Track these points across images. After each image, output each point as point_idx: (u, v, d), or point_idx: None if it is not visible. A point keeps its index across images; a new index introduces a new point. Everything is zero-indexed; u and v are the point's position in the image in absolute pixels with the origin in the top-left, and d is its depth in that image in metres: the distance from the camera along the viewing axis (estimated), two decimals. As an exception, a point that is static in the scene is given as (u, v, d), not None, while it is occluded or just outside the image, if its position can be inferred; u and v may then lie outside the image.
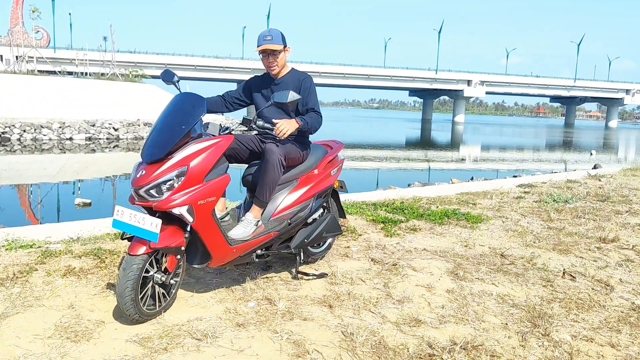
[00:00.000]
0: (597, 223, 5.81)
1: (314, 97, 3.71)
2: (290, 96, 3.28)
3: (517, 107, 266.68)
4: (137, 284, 2.86)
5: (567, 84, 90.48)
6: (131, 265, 2.85)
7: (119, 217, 2.93)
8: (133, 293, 2.85)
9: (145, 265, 2.90)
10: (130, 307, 2.87)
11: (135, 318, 2.94)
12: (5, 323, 2.95)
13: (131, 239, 2.99)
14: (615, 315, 3.34)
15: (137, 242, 2.90)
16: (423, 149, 30.92)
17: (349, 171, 16.87)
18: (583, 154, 29.03)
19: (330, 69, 76.00)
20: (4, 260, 3.93)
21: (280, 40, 3.62)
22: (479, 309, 3.38)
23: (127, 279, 2.83)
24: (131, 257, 2.87)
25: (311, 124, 3.59)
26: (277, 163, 3.46)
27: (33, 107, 27.25)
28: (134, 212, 2.91)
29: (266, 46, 3.58)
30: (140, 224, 2.85)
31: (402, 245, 4.77)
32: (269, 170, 3.46)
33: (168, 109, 3.22)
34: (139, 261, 2.87)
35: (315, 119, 3.63)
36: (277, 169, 3.47)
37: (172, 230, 3.00)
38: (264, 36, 3.61)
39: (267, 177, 3.47)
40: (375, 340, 2.89)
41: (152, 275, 3.01)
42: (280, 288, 3.64)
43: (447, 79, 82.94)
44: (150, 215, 2.88)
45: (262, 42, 3.60)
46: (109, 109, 30.13)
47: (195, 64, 68.46)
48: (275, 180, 3.51)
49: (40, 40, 54.99)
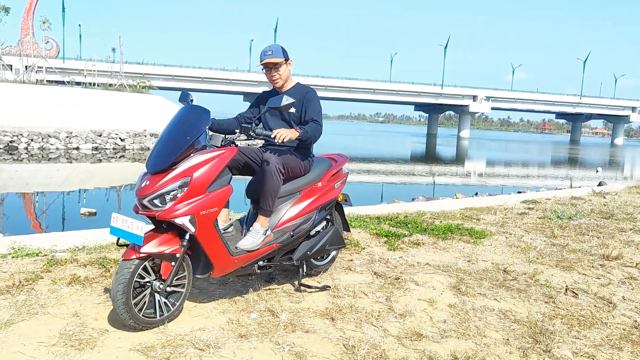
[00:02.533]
0: (600, 240, 5.81)
1: (315, 108, 3.77)
2: (283, 100, 3.35)
3: (523, 123, 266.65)
4: (128, 288, 2.91)
5: (573, 101, 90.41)
6: (123, 269, 2.92)
7: (114, 223, 3.02)
8: (124, 297, 2.90)
9: (137, 270, 2.96)
10: (122, 310, 2.91)
11: (131, 323, 2.97)
12: (10, 330, 2.98)
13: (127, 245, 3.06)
14: (617, 333, 3.33)
15: (131, 249, 2.99)
16: (428, 164, 30.94)
17: (353, 184, 16.89)
18: (588, 171, 28.96)
19: (336, 82, 76.33)
20: (10, 267, 3.97)
21: (280, 54, 3.76)
22: (480, 324, 3.38)
23: (118, 282, 2.90)
24: (124, 261, 2.95)
25: (311, 133, 3.65)
26: (275, 170, 3.51)
27: (41, 117, 27.47)
28: (125, 217, 2.99)
29: (267, 60, 3.73)
30: (129, 228, 2.94)
31: (405, 259, 4.78)
32: (267, 178, 3.51)
33: (174, 120, 3.28)
34: (129, 265, 2.94)
35: (315, 129, 3.69)
36: (276, 176, 3.52)
37: (167, 237, 3.05)
38: (265, 52, 3.77)
39: (266, 185, 3.52)
40: (377, 353, 2.90)
41: (150, 282, 3.05)
42: (283, 300, 3.66)
43: (452, 94, 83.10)
44: (137, 220, 2.96)
45: (263, 57, 3.76)
46: (116, 119, 30.33)
47: (202, 76, 68.91)
48: (276, 188, 3.55)
49: (49, 50, 55.56)
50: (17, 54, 48.17)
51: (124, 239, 3.00)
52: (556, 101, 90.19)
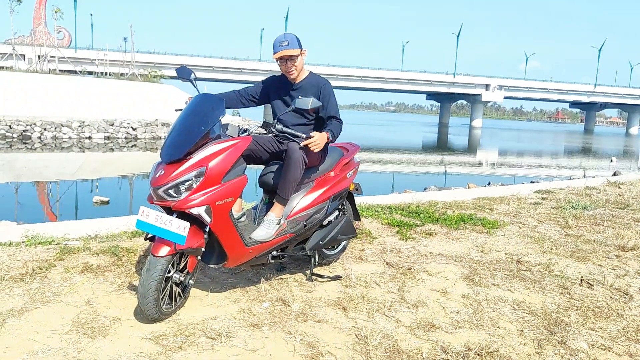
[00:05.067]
0: (616, 231, 5.72)
1: (334, 104, 3.72)
2: (311, 103, 3.30)
3: (536, 112, 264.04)
4: (160, 285, 2.89)
5: (587, 90, 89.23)
6: (155, 267, 2.87)
7: (144, 218, 2.95)
8: (156, 294, 2.88)
9: (168, 267, 2.93)
10: (152, 307, 2.89)
11: (155, 317, 2.97)
12: (24, 318, 3.00)
13: (152, 239, 3.02)
14: (633, 325, 3.28)
15: (160, 243, 2.92)
16: (440, 153, 30.76)
17: (364, 174, 16.84)
18: (602, 161, 28.62)
19: (348, 71, 75.97)
20: (23, 256, 3.99)
21: (296, 45, 3.59)
22: (494, 315, 3.35)
23: (151, 279, 2.86)
24: (155, 258, 2.89)
25: (337, 134, 3.64)
26: (300, 161, 3.48)
27: (54, 106, 27.71)
28: (160, 213, 2.92)
29: (284, 52, 3.56)
30: (168, 227, 2.88)
31: (418, 249, 4.75)
32: (291, 168, 3.47)
33: (187, 110, 3.25)
34: (163, 262, 2.89)
35: (339, 127, 3.67)
36: (300, 166, 3.49)
37: (194, 231, 3.02)
38: (280, 42, 3.57)
39: (289, 174, 3.48)
40: (389, 344, 2.88)
41: (171, 275, 3.04)
42: (295, 289, 3.64)
43: (464, 83, 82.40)
44: (176, 218, 2.90)
45: (278, 48, 3.57)
46: (128, 108, 30.48)
47: (213, 65, 68.91)
48: (297, 178, 3.52)
49: (62, 40, 55.87)
50: (29, 44, 48.49)
51: (156, 235, 2.93)
52: (570, 90, 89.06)
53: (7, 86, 29.97)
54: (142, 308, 2.91)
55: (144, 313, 2.93)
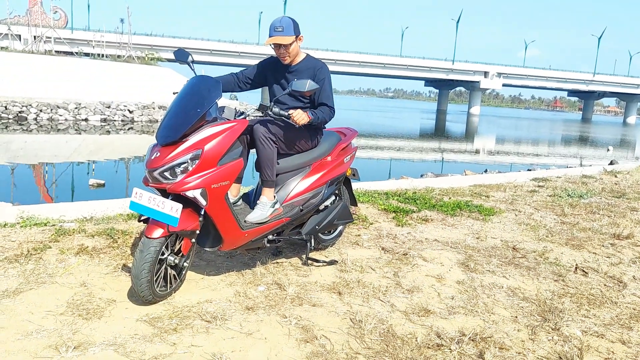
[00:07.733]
0: (611, 219, 5.74)
1: (328, 90, 3.66)
2: (308, 85, 3.27)
3: (534, 100, 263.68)
4: (153, 267, 2.88)
5: (586, 78, 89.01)
6: (148, 248, 2.87)
7: (137, 199, 2.93)
8: (149, 275, 2.87)
9: (162, 248, 2.92)
10: (145, 289, 2.89)
11: (149, 299, 2.97)
12: (19, 298, 3.00)
13: (147, 221, 3.00)
14: (627, 312, 3.30)
15: (154, 225, 2.91)
16: (437, 140, 30.73)
17: (361, 160, 16.82)
18: (599, 150, 28.66)
19: (346, 56, 75.51)
20: (18, 237, 3.98)
21: (291, 31, 3.51)
22: (489, 301, 3.36)
23: (144, 261, 2.85)
24: (148, 239, 2.88)
25: (321, 118, 3.61)
26: (264, 138, 3.46)
27: (50, 88, 27.46)
28: (153, 195, 2.91)
29: (275, 39, 3.49)
30: (160, 208, 2.86)
31: (413, 235, 4.75)
32: (258, 147, 3.49)
33: (184, 91, 3.22)
34: (156, 244, 2.89)
35: (327, 114, 3.64)
36: (266, 143, 3.47)
37: (188, 214, 3.01)
38: (275, 27, 3.50)
39: (260, 154, 3.50)
40: (384, 328, 2.90)
41: (165, 257, 3.03)
42: (290, 273, 3.65)
43: (463, 69, 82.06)
44: (170, 200, 2.89)
45: (272, 33, 3.51)
46: (125, 91, 30.24)
47: (211, 49, 68.39)
48: (270, 157, 3.50)
49: (58, 20, 55.24)
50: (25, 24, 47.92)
51: (149, 216, 2.92)
52: (569, 78, 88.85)
53: (3, 67, 29.67)
54: (135, 289, 2.91)
55: (138, 294, 2.93)
